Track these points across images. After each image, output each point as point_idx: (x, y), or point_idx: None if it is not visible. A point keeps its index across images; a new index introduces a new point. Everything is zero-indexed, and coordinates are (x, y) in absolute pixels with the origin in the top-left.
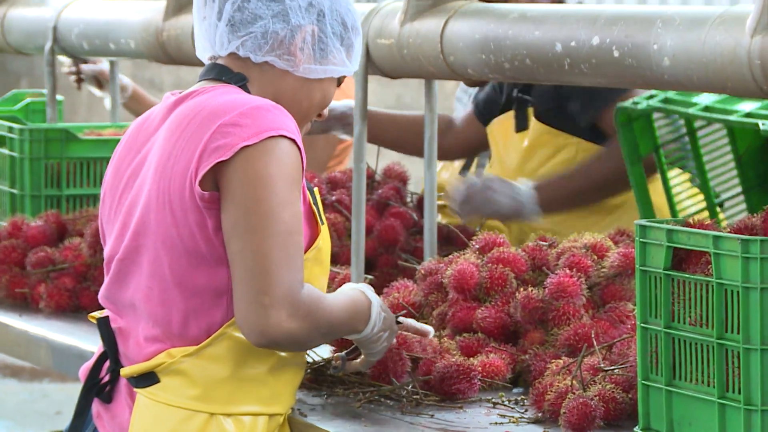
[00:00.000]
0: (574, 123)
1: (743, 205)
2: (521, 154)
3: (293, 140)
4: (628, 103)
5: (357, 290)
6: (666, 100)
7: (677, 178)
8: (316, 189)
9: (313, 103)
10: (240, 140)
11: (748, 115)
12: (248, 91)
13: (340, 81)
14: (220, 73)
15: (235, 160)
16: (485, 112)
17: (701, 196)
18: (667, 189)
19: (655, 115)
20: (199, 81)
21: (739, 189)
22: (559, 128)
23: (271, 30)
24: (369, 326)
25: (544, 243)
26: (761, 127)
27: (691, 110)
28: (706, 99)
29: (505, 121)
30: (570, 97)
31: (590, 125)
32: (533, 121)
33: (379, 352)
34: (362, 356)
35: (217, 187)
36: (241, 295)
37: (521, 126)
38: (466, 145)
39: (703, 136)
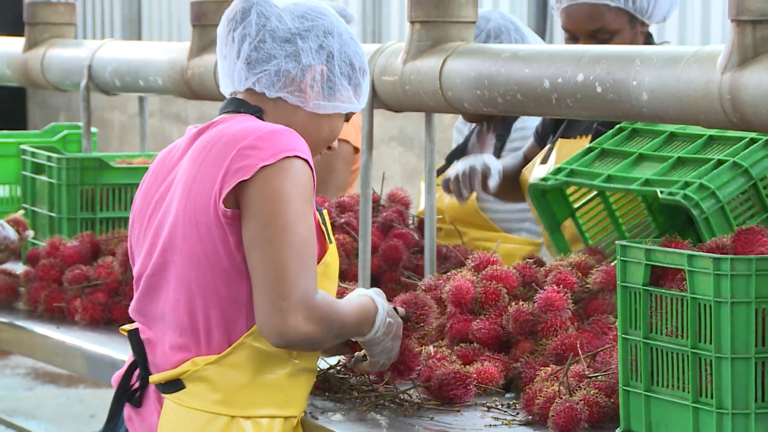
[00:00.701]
0: None
1: None
2: None
3: (306, 160)
4: (536, 181)
5: (366, 296)
6: (571, 173)
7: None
8: (324, 210)
9: (321, 135)
10: (259, 161)
11: (647, 182)
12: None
13: (348, 117)
14: (239, 105)
15: (255, 179)
16: (544, 136)
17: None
18: (585, 242)
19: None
20: (220, 113)
21: (655, 234)
22: None
23: (283, 69)
24: (372, 331)
25: (531, 260)
26: (660, 195)
27: (595, 182)
28: (608, 169)
29: (578, 145)
30: None
31: None
32: None
33: (378, 354)
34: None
35: (238, 204)
36: (261, 301)
37: None
38: None
39: (614, 192)
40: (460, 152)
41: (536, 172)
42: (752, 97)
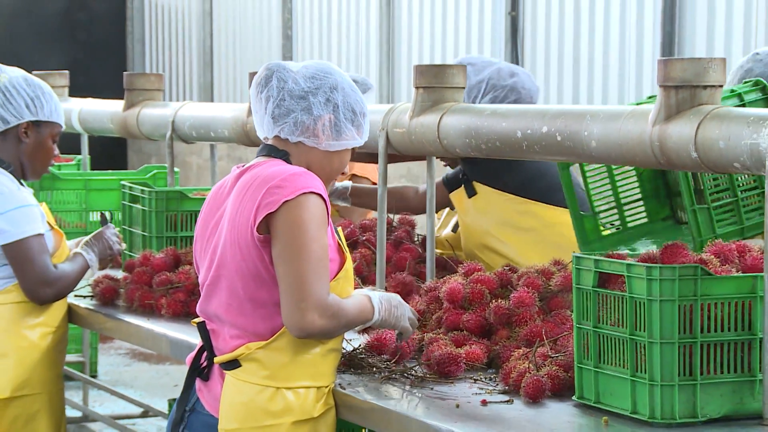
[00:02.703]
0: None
1: (642, 209)
2: (478, 210)
3: (320, 195)
4: None
5: (361, 294)
6: None
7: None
8: (339, 229)
9: (333, 167)
10: (282, 197)
11: None
12: (290, 162)
13: (353, 150)
14: (270, 150)
15: (279, 211)
16: (452, 182)
17: (611, 198)
18: (588, 191)
19: None
20: (257, 156)
21: (639, 196)
22: (495, 187)
23: (300, 120)
24: (376, 314)
25: (507, 267)
26: None
27: None
28: None
29: (459, 193)
30: (497, 166)
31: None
32: (480, 187)
33: (399, 324)
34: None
35: (268, 230)
36: (286, 303)
37: (471, 193)
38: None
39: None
40: None
41: (448, 218)
42: (675, 144)
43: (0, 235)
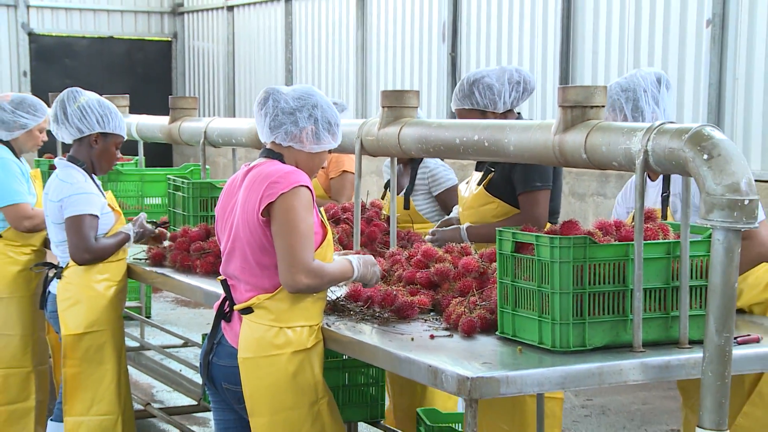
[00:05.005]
0: (504, 191)
1: None
2: (472, 196)
3: (307, 186)
4: None
5: (344, 258)
6: None
7: None
8: (322, 209)
9: (315, 164)
10: (279, 190)
11: None
12: (284, 162)
13: (331, 151)
14: (269, 153)
15: (277, 201)
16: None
17: None
18: None
19: None
20: (259, 157)
21: None
22: (491, 193)
23: (289, 130)
24: (356, 271)
25: (440, 249)
26: None
27: None
28: None
29: (477, 175)
30: (516, 173)
31: (518, 194)
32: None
33: (376, 280)
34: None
35: (269, 214)
36: (281, 267)
37: (480, 183)
38: None
39: None
40: (389, 184)
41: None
42: (571, 148)
43: (64, 210)
